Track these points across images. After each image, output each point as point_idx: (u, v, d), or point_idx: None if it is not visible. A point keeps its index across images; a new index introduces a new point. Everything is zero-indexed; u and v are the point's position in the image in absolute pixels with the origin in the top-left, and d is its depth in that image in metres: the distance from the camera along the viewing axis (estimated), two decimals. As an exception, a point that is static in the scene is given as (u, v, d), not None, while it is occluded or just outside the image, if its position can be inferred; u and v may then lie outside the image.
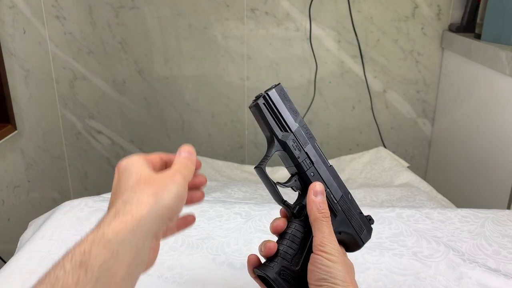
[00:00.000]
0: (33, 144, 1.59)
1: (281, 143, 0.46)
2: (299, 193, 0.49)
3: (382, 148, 1.51)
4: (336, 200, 0.48)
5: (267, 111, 0.46)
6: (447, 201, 1.13)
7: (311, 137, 0.48)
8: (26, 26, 1.53)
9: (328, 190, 0.48)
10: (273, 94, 0.46)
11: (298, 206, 0.48)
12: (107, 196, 0.96)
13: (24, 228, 0.93)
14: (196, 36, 1.65)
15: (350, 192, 0.51)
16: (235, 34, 1.65)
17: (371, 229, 0.52)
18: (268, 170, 1.48)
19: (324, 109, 1.74)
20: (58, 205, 0.89)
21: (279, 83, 0.48)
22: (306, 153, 0.48)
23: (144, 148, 1.81)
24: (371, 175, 1.34)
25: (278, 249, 0.46)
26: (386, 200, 1.05)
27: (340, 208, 0.49)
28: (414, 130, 1.76)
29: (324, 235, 0.45)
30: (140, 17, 1.63)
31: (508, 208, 1.23)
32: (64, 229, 0.80)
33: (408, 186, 1.17)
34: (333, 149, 1.79)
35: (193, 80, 1.71)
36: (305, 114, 1.72)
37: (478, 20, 1.44)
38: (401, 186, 1.19)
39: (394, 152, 1.66)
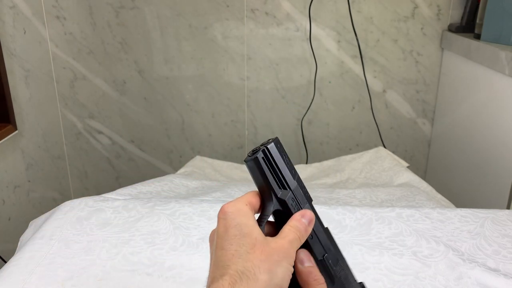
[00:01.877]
0: (34, 144, 1.59)
1: (280, 201, 0.43)
2: None
3: (382, 148, 1.51)
4: (334, 266, 0.45)
5: (266, 166, 0.42)
6: (447, 201, 1.13)
7: (308, 197, 0.45)
8: (27, 26, 1.54)
9: (326, 255, 0.44)
10: (272, 148, 0.42)
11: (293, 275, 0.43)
12: (108, 196, 0.96)
13: (24, 228, 0.93)
14: (196, 36, 1.65)
15: (351, 190, 0.50)
16: (235, 34, 1.65)
17: None
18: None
19: (324, 109, 1.74)
20: (58, 205, 0.89)
21: (276, 137, 0.44)
22: None
23: (144, 148, 1.81)
24: (371, 175, 1.34)
25: None
26: (386, 200, 1.05)
27: (338, 275, 0.45)
28: (413, 130, 1.76)
29: None
30: (140, 18, 1.63)
31: (508, 208, 1.23)
32: (64, 229, 0.80)
33: (407, 186, 1.18)
34: (333, 149, 1.79)
35: (193, 80, 1.71)
36: (305, 114, 1.73)
37: (477, 20, 1.44)
38: (400, 186, 1.19)
39: (394, 152, 1.66)
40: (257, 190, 0.44)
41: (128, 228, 0.80)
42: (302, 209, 0.43)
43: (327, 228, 0.45)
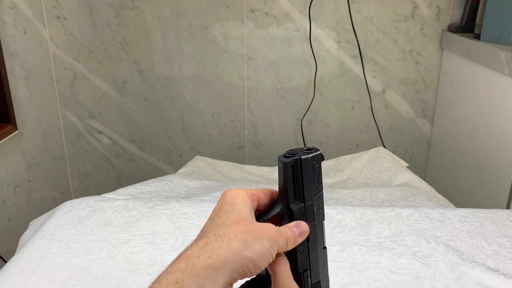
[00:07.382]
0: (34, 144, 1.59)
1: (289, 210, 0.44)
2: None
3: (381, 148, 1.51)
4: (311, 283, 0.46)
5: (291, 175, 0.43)
6: (447, 201, 1.13)
7: (320, 216, 0.45)
8: (27, 27, 1.54)
9: (307, 271, 0.45)
10: (306, 161, 0.43)
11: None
12: (108, 196, 0.96)
13: (24, 227, 0.93)
14: (196, 36, 1.65)
15: (350, 190, 0.50)
16: (235, 35, 1.65)
17: None
18: (268, 169, 1.48)
19: (324, 109, 1.74)
20: (58, 204, 0.90)
21: (320, 151, 0.44)
22: None
23: (144, 148, 1.81)
24: (370, 175, 1.34)
25: None
26: (386, 200, 1.05)
27: None
28: (413, 130, 1.76)
29: None
30: (140, 18, 1.63)
31: (508, 208, 1.23)
32: (64, 228, 0.80)
33: (407, 186, 1.18)
34: (333, 149, 1.79)
35: (193, 80, 1.72)
36: (304, 114, 1.73)
37: (477, 21, 1.44)
38: (400, 186, 1.20)
39: (393, 152, 1.66)
40: (273, 189, 0.45)
41: (128, 228, 0.80)
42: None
43: (325, 248, 0.46)
